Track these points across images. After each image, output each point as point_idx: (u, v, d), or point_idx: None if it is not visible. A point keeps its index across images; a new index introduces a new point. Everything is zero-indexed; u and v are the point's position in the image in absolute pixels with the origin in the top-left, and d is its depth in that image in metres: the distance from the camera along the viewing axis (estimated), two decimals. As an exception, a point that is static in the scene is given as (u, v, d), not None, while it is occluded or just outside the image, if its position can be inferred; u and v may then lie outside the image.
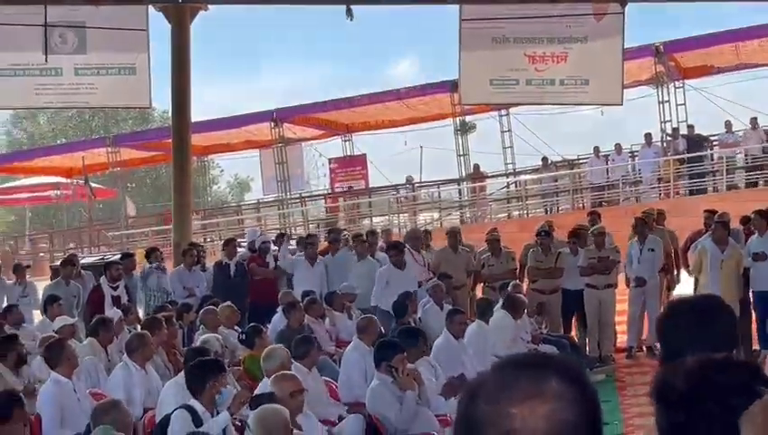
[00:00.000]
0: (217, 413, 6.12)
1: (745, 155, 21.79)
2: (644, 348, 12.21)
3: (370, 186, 27.08)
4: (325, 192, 28.22)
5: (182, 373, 6.76)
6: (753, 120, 21.21)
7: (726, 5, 19.24)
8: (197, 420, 5.91)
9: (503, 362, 1.56)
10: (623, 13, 15.81)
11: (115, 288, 12.05)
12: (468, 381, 1.60)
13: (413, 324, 9.87)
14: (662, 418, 1.96)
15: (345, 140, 28.37)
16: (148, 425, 6.89)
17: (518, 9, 15.85)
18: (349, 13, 14.80)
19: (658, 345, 1.94)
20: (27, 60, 16.20)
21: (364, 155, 27.68)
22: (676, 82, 23.01)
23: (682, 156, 21.46)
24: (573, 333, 12.34)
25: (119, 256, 14.29)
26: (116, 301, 11.81)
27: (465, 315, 9.95)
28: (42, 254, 31.86)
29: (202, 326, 9.80)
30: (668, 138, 22.14)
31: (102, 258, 16.05)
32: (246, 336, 8.97)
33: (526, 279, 12.54)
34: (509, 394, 1.46)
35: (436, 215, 25.41)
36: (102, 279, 12.21)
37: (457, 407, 1.55)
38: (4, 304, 12.70)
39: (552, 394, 1.46)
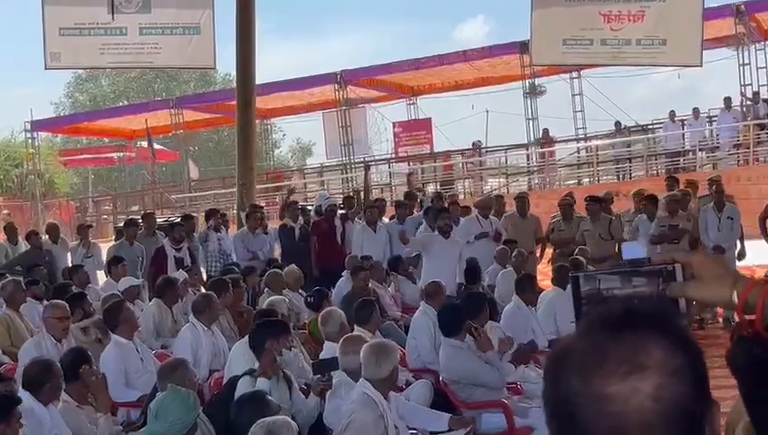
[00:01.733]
0: (283, 374, 5.99)
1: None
2: (720, 320, 11.68)
3: (435, 150, 26.69)
4: (389, 157, 27.87)
5: (250, 334, 6.65)
6: (837, 84, 20.33)
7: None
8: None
9: (591, 323, 1.29)
10: (704, -31, 15.20)
11: (178, 250, 11.96)
12: (554, 348, 1.31)
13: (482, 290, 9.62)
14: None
15: (410, 104, 27.99)
16: (215, 386, 6.78)
17: (594, -34, 15.34)
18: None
19: (736, 317, 1.61)
20: (92, 19, 16.18)
21: (429, 119, 27.26)
22: (758, 44, 22.14)
23: (762, 121, 20.68)
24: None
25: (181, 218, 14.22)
26: (179, 262, 11.71)
27: (536, 282, 9.64)
28: (105, 216, 32.18)
29: (267, 289, 9.68)
30: (748, 102, 21.29)
31: (167, 220, 15.98)
32: (313, 299, 8.81)
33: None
34: (604, 369, 1.21)
35: (503, 181, 24.89)
36: (165, 241, 12.12)
37: (545, 378, 1.29)
38: (69, 265, 12.70)
39: (657, 365, 1.20)
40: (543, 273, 12.31)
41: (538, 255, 12.74)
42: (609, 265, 11.39)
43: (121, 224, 14.53)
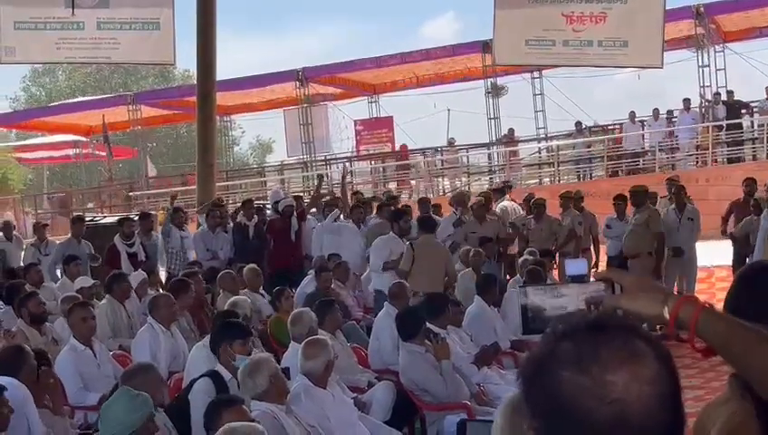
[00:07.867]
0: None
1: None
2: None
3: (396, 149, 26.57)
4: (350, 154, 27.69)
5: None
6: (792, 87, 20.48)
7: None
8: (222, 387, 5.61)
9: (566, 329, 1.37)
10: (666, -30, 15.26)
11: (130, 245, 11.71)
12: (533, 352, 1.37)
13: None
14: None
15: (371, 102, 27.82)
16: (174, 389, 6.58)
17: (557, -33, 15.34)
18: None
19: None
20: (49, 13, 15.87)
21: (391, 117, 27.13)
22: (717, 46, 22.23)
23: (721, 122, 20.81)
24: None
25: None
26: (132, 258, 11.52)
27: (497, 282, 9.55)
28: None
29: (222, 290, 9.40)
30: (707, 103, 21.42)
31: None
32: (273, 298, 8.66)
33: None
34: (599, 361, 1.30)
35: (464, 180, 24.81)
36: (117, 237, 11.87)
37: (527, 383, 1.36)
38: (23, 263, 12.44)
39: (647, 355, 1.32)
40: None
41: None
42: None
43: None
